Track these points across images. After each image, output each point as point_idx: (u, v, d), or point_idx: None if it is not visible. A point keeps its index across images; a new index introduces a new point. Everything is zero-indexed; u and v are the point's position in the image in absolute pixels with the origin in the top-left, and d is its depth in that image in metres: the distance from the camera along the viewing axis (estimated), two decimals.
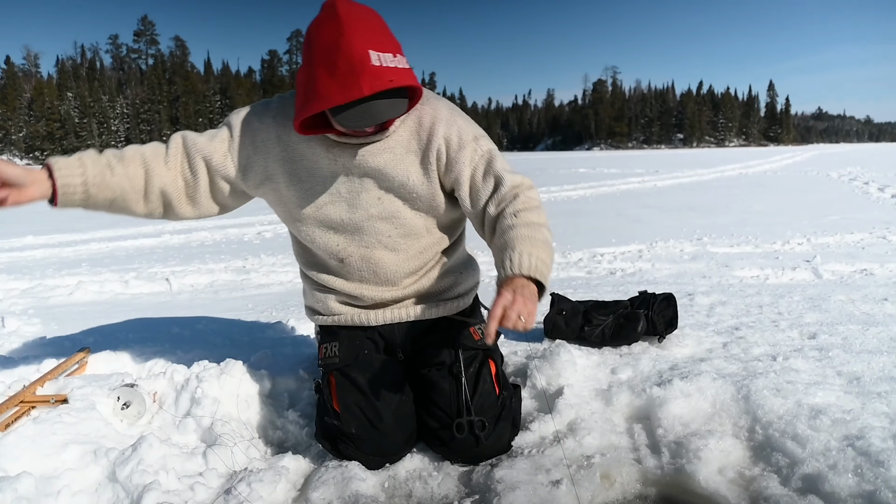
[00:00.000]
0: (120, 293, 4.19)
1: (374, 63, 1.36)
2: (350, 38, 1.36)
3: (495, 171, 1.65)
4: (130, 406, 1.89)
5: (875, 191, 11.32)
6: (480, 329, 1.87)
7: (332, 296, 1.84)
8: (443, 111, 1.67)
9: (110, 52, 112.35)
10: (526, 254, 1.46)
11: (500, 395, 1.79)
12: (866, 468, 1.51)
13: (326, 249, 1.75)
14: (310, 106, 1.41)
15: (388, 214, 1.70)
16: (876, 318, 2.83)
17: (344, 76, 1.35)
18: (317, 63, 1.39)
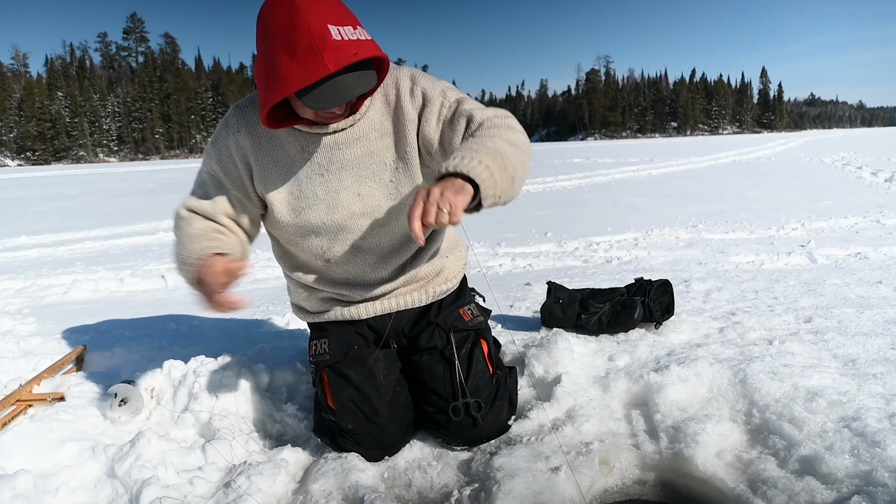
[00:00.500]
0: (115, 291, 4.17)
1: (335, 38, 1.30)
2: (307, 15, 1.29)
3: (464, 111, 1.55)
4: (128, 402, 1.89)
5: (868, 175, 11.34)
6: (470, 310, 1.87)
7: (318, 293, 1.82)
8: (405, 80, 1.61)
9: (100, 50, 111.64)
10: (462, 156, 1.32)
11: (494, 375, 1.79)
12: (862, 449, 1.52)
13: (310, 252, 1.73)
14: (275, 93, 1.34)
15: (370, 210, 1.66)
16: (871, 301, 2.84)
17: (306, 55, 1.29)
18: (275, 48, 1.32)
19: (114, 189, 17.30)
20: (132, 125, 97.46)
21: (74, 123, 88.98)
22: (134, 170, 34.09)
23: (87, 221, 8.72)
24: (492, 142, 1.39)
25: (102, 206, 11.75)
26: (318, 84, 1.32)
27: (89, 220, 8.87)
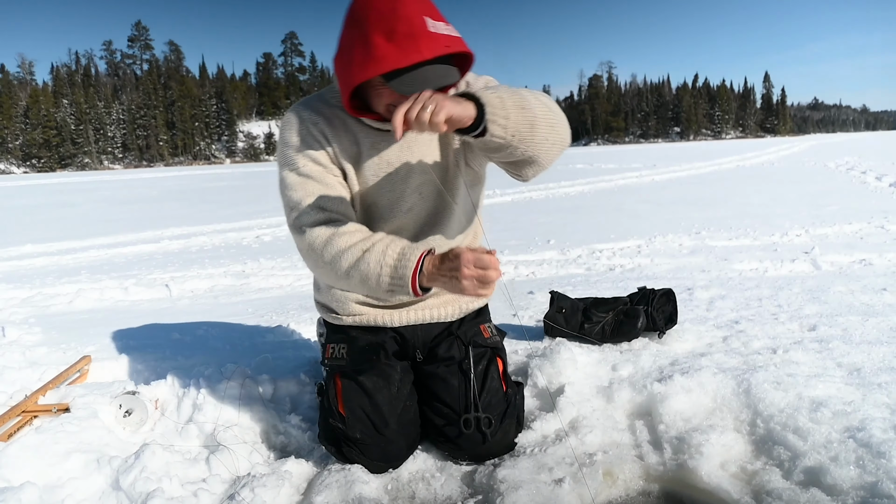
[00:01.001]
0: (120, 300, 4.18)
1: (430, 29, 1.36)
2: (406, 4, 1.36)
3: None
4: (133, 413, 1.90)
5: (872, 180, 11.31)
6: (490, 327, 1.89)
7: (354, 295, 1.80)
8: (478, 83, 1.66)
9: (105, 58, 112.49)
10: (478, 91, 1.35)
11: (506, 393, 1.79)
12: (868, 460, 1.51)
13: None
14: (368, 70, 1.37)
15: (428, 212, 1.71)
16: (875, 309, 2.83)
17: (403, 40, 1.34)
18: (372, 29, 1.37)
19: (118, 197, 17.38)
20: (137, 132, 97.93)
21: (80, 131, 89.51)
22: (138, 177, 34.25)
23: (92, 229, 8.76)
24: (517, 92, 1.40)
25: (107, 214, 11.80)
26: (409, 69, 1.36)
27: (94, 229, 8.91)
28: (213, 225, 8.87)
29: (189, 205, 13.46)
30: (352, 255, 1.46)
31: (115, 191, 20.50)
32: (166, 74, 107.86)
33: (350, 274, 1.46)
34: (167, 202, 14.53)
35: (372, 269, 1.43)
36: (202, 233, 8.07)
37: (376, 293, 1.48)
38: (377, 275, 1.42)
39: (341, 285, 1.56)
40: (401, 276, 1.39)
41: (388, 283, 1.41)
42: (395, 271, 1.40)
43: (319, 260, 1.52)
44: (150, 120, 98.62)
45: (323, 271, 1.54)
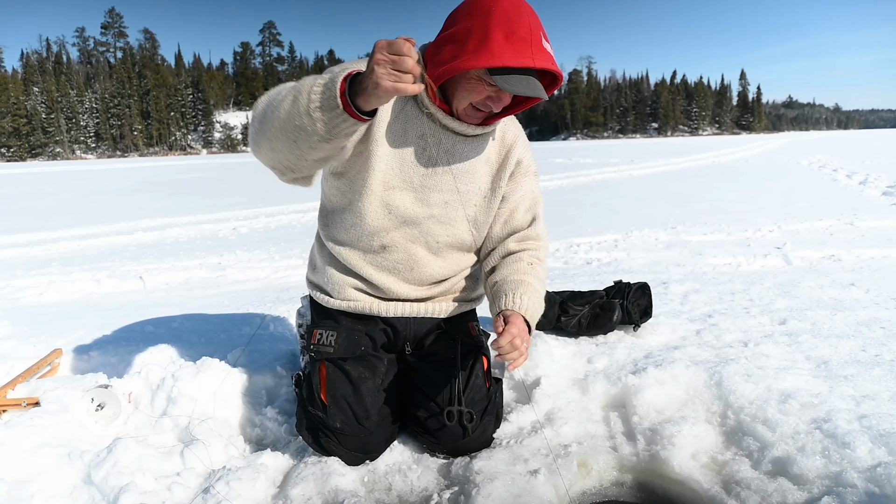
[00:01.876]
0: (92, 292, 4.11)
1: (542, 44, 1.47)
2: (529, 15, 1.48)
3: (536, 212, 1.85)
4: (105, 407, 1.87)
5: (843, 178, 11.56)
6: (477, 326, 1.92)
7: (353, 280, 1.80)
8: (522, 134, 1.82)
9: (77, 45, 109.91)
10: (531, 302, 1.66)
11: (489, 390, 1.81)
12: (833, 450, 1.55)
13: (373, 231, 1.71)
14: (479, 59, 1.43)
15: (447, 220, 1.73)
16: (843, 303, 2.90)
17: (520, 44, 1.43)
18: (494, 25, 1.44)
19: (91, 187, 17.04)
20: (110, 122, 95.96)
21: (51, 119, 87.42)
22: (112, 167, 33.61)
23: (64, 220, 8.59)
24: (544, 291, 1.75)
25: (79, 205, 11.57)
26: (516, 71, 1.45)
27: (65, 220, 8.73)
28: (188, 216, 8.75)
29: (164, 196, 13.25)
30: (290, 86, 1.41)
31: (87, 181, 20.10)
32: (141, 63, 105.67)
33: (285, 97, 1.38)
34: (141, 193, 14.29)
35: (306, 83, 1.35)
36: (177, 224, 7.96)
37: (304, 117, 1.33)
38: (309, 87, 1.33)
39: (271, 120, 1.41)
40: (332, 80, 1.30)
41: (320, 94, 1.31)
42: (328, 79, 1.32)
43: (265, 103, 1.46)
44: (124, 109, 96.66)
45: (259, 110, 1.47)
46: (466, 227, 1.76)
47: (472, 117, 1.60)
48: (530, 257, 1.77)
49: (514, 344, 1.49)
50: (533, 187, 1.83)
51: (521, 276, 1.71)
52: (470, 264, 1.87)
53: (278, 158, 1.46)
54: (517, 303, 1.64)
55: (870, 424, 1.64)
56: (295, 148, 1.40)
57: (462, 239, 1.77)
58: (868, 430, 1.61)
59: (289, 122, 1.36)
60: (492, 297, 1.74)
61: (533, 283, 1.71)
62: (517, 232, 1.80)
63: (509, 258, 1.77)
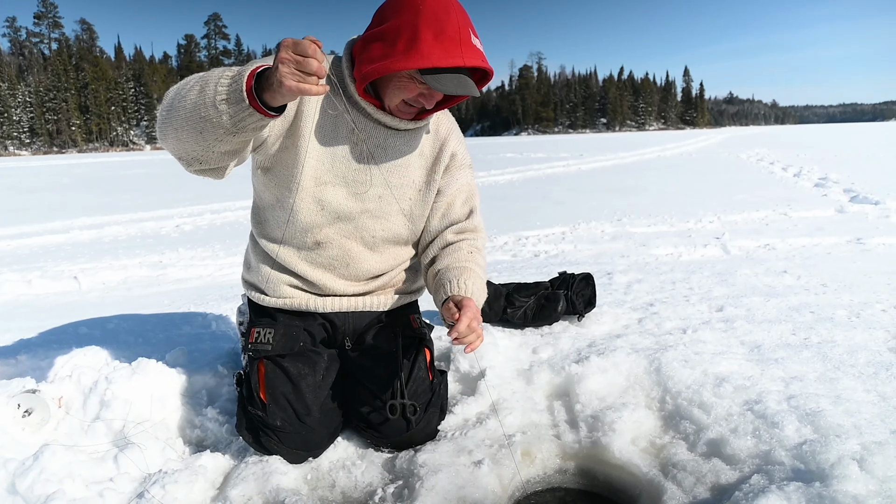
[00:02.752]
0: (22, 294, 3.91)
1: (472, 41, 1.47)
2: (458, 13, 1.47)
3: (473, 204, 1.85)
4: (33, 413, 1.78)
5: (779, 170, 12.07)
6: (418, 319, 1.91)
7: (288, 277, 1.77)
8: (455, 127, 1.83)
9: (8, 35, 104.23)
10: (476, 287, 1.69)
11: (432, 382, 1.81)
12: (763, 430, 1.62)
13: (306, 227, 1.68)
14: (409, 61, 1.43)
15: (382, 214, 1.71)
16: (776, 290, 3.03)
17: (450, 43, 1.43)
18: (423, 25, 1.43)
19: (24, 184, 16.22)
20: (45, 116, 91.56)
21: None
22: (48, 164, 32.07)
23: None
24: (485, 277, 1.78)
25: (10, 203, 11.00)
26: (446, 70, 1.45)
27: None
28: (129, 214, 8.44)
29: (103, 193, 12.74)
30: (198, 76, 1.37)
31: (20, 178, 19.13)
32: (78, 55, 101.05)
33: (192, 87, 1.34)
34: (79, 190, 13.69)
35: (214, 75, 1.32)
36: (117, 222, 7.67)
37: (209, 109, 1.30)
38: (216, 79, 1.30)
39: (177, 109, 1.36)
40: (239, 74, 1.28)
41: (226, 86, 1.28)
42: (236, 73, 1.30)
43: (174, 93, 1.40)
44: (60, 103, 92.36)
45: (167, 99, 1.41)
46: (402, 220, 1.75)
47: (404, 113, 1.60)
48: (469, 246, 1.78)
49: (471, 327, 1.50)
50: (468, 179, 1.83)
51: (462, 263, 1.72)
52: (408, 258, 1.86)
53: (184, 149, 1.41)
54: (462, 287, 1.65)
55: (797, 404, 1.71)
56: (201, 139, 1.36)
57: (398, 233, 1.76)
58: (795, 409, 1.69)
59: (195, 112, 1.32)
60: (434, 286, 1.74)
61: (475, 269, 1.72)
62: (455, 224, 1.81)
63: (449, 248, 1.78)
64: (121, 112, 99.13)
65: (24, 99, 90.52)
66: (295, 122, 1.59)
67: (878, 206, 6.48)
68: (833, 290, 2.98)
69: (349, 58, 1.59)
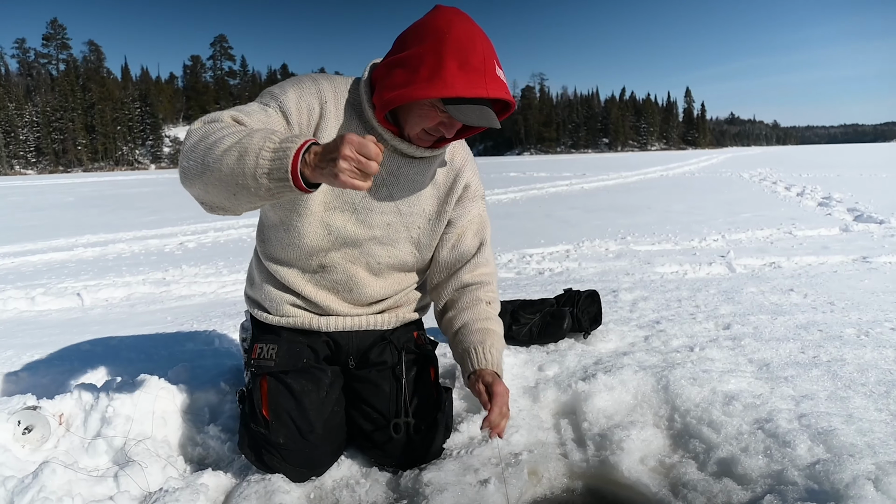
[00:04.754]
0: (25, 311, 3.90)
1: (496, 73, 1.46)
2: (483, 43, 1.45)
3: (484, 237, 1.83)
4: (33, 430, 1.76)
5: (782, 190, 12.07)
6: (422, 335, 1.89)
7: (291, 297, 1.75)
8: (471, 157, 1.81)
9: (17, 57, 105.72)
10: (500, 353, 1.69)
11: (437, 399, 1.78)
12: (774, 449, 1.59)
13: (312, 251, 1.67)
14: (432, 89, 1.41)
15: (389, 241, 1.70)
16: (783, 308, 3.00)
17: (475, 73, 1.42)
18: (447, 54, 1.41)
19: (30, 203, 16.31)
20: (52, 136, 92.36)
21: None
22: (53, 182, 32.29)
23: None
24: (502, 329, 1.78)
25: (15, 221, 11.04)
26: (470, 101, 1.44)
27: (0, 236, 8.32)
28: (133, 231, 8.45)
29: (108, 211, 12.79)
30: (237, 133, 1.31)
31: (26, 197, 19.24)
32: (85, 76, 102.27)
33: (229, 150, 1.28)
34: (84, 208, 13.75)
35: (256, 141, 1.26)
36: (121, 240, 7.68)
37: (248, 179, 1.26)
38: (258, 148, 1.25)
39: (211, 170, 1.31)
40: (284, 149, 1.24)
41: (269, 160, 1.24)
42: (280, 145, 1.25)
43: (201, 136, 1.35)
44: (66, 123, 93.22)
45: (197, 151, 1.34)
46: (409, 248, 1.73)
47: (423, 141, 1.59)
48: (487, 295, 1.77)
49: (502, 413, 1.50)
50: (480, 211, 1.82)
51: (484, 323, 1.71)
52: (413, 283, 1.84)
53: (210, 199, 1.39)
54: (489, 359, 1.64)
55: (808, 423, 1.68)
56: (232, 199, 1.34)
57: (404, 260, 1.75)
58: (807, 428, 1.66)
59: (231, 178, 1.28)
60: (455, 344, 1.73)
61: (497, 329, 1.73)
62: (465, 258, 1.79)
63: (466, 296, 1.77)
64: (126, 132, 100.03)
65: (31, 119, 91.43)
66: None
67: (882, 224, 6.46)
68: (841, 308, 2.95)
69: (369, 83, 1.58)
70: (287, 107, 1.53)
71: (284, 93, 1.55)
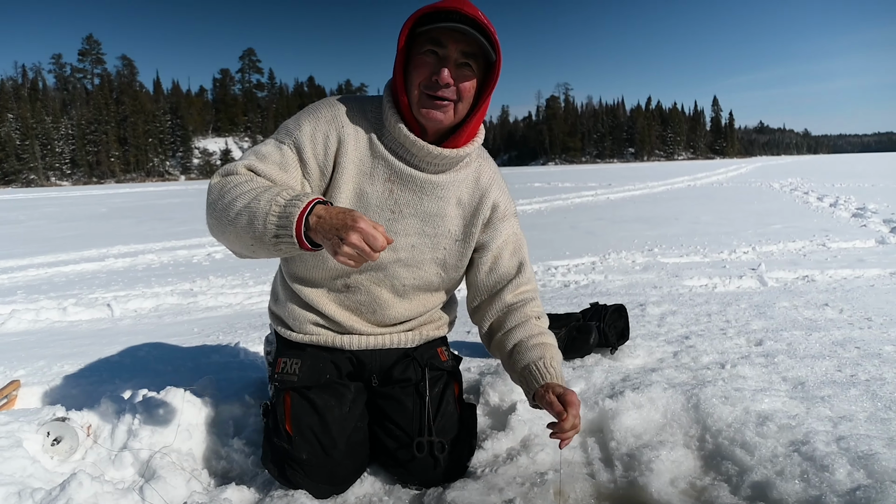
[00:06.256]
0: (57, 321, 3.98)
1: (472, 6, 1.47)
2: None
3: (522, 256, 1.78)
4: (61, 441, 1.78)
5: (814, 200, 11.80)
6: (447, 351, 1.86)
7: (314, 316, 1.74)
8: (497, 175, 1.75)
9: (53, 71, 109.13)
10: (561, 366, 1.64)
11: (461, 417, 1.76)
12: (812, 473, 1.53)
13: (336, 273, 1.66)
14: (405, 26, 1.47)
15: (414, 263, 1.68)
16: (818, 324, 2.91)
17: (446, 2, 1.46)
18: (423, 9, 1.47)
19: (64, 214, 16.74)
20: (86, 148, 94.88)
21: (25, 146, 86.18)
22: (87, 194, 33.12)
23: (32, 248, 8.38)
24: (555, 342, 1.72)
25: (50, 232, 11.33)
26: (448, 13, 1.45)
27: (34, 247, 8.53)
28: (162, 242, 8.61)
29: (139, 222, 13.05)
30: (249, 193, 1.38)
31: (61, 208, 19.76)
32: (119, 89, 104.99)
33: (240, 213, 1.36)
34: (116, 219, 14.06)
35: (262, 205, 1.33)
36: (151, 251, 7.82)
37: (261, 241, 1.34)
38: (265, 213, 1.32)
39: (229, 231, 1.41)
40: (288, 215, 1.29)
41: (276, 223, 1.30)
42: (284, 210, 1.30)
43: (218, 194, 1.43)
44: (100, 135, 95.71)
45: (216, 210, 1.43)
46: (434, 269, 1.71)
47: (431, 110, 1.51)
48: (535, 311, 1.73)
49: (575, 424, 1.44)
50: (514, 230, 1.77)
51: (539, 338, 1.67)
52: (439, 303, 1.81)
53: (238, 252, 1.49)
54: (552, 372, 1.58)
55: (847, 446, 1.62)
56: (254, 253, 1.43)
57: (429, 281, 1.72)
58: (846, 452, 1.59)
59: (248, 239, 1.37)
60: (514, 364, 1.67)
61: (552, 342, 1.69)
62: (506, 280, 1.75)
63: (513, 315, 1.72)
64: (157, 144, 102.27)
65: (67, 131, 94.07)
66: (334, 173, 1.58)
67: None
68: (879, 324, 2.86)
69: (389, 96, 1.59)
70: (301, 141, 1.55)
71: (299, 127, 1.56)
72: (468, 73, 1.50)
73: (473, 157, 1.69)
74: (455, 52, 1.47)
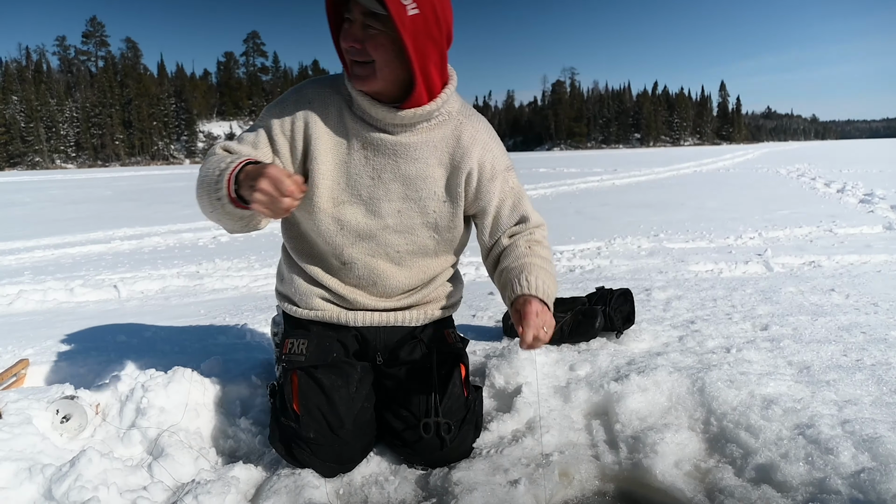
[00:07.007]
0: (64, 302, 4.00)
1: None
2: None
3: (523, 208, 1.74)
4: (70, 419, 1.80)
5: (822, 186, 11.72)
6: (453, 333, 1.87)
7: (319, 291, 1.76)
8: (482, 133, 1.69)
9: (57, 54, 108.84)
10: (541, 280, 1.58)
11: (467, 399, 1.77)
12: (816, 456, 1.53)
13: (332, 246, 1.68)
14: None
15: (404, 228, 1.68)
16: (824, 309, 2.91)
17: None
18: None
19: (70, 196, 16.77)
20: (91, 131, 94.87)
21: (30, 129, 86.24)
22: (92, 176, 33.13)
23: (39, 229, 8.41)
24: (551, 267, 1.68)
25: (56, 214, 11.37)
26: None
27: (40, 228, 8.56)
28: (168, 225, 8.62)
29: (144, 205, 13.08)
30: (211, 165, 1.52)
31: (66, 190, 19.79)
32: (123, 72, 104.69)
33: (200, 183, 1.53)
34: (121, 202, 14.09)
35: (212, 172, 1.49)
36: (156, 233, 7.84)
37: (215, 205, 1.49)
38: (213, 178, 1.47)
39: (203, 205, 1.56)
40: (221, 175, 1.44)
41: (215, 184, 1.46)
42: (222, 173, 1.45)
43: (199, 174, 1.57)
44: (105, 118, 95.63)
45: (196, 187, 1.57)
46: (427, 233, 1.70)
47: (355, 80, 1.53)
48: (526, 241, 1.69)
49: (538, 336, 1.46)
50: (508, 185, 1.72)
51: (520, 260, 1.64)
52: (440, 269, 1.81)
53: (223, 226, 1.61)
54: (524, 285, 1.56)
55: (852, 430, 1.62)
56: (218, 219, 1.56)
57: (424, 245, 1.72)
58: (851, 435, 1.60)
59: (206, 206, 1.54)
60: (501, 292, 1.69)
61: (535, 261, 1.63)
62: (506, 232, 1.74)
63: (506, 251, 1.71)
64: (162, 127, 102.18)
65: (71, 114, 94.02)
66: (308, 147, 1.61)
67: None
68: (885, 309, 2.85)
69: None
70: (270, 122, 1.63)
71: (269, 113, 1.65)
72: (372, 32, 1.47)
73: (452, 116, 1.65)
74: (358, 13, 1.47)
